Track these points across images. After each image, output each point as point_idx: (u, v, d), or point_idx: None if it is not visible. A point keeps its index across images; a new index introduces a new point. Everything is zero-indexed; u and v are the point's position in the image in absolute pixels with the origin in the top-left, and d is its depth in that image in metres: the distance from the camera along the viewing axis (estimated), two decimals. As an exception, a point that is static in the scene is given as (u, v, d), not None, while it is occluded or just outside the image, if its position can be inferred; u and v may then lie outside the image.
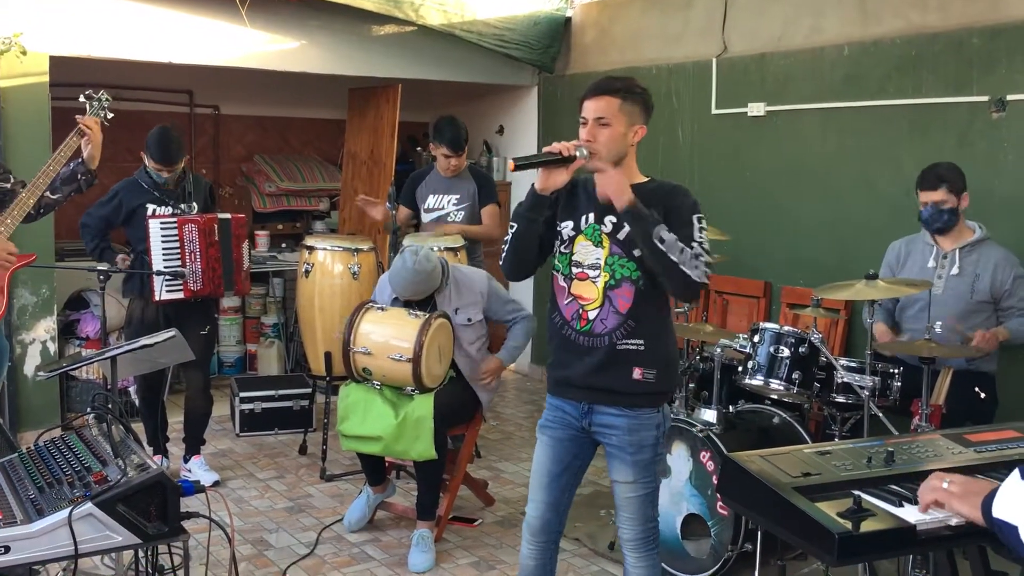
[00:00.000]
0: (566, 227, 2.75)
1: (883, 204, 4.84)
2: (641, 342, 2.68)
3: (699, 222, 2.65)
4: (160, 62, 5.55)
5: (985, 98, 4.43)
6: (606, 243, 2.69)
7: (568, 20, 6.69)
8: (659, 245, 2.54)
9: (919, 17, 4.69)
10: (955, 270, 3.95)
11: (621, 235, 2.67)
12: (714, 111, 5.69)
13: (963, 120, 4.53)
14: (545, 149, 2.64)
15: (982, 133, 4.45)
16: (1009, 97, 4.34)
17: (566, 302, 2.76)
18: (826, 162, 5.15)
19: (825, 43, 5.10)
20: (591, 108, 2.66)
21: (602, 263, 2.69)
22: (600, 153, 2.65)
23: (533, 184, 2.68)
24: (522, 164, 2.63)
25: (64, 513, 2.16)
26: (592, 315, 2.70)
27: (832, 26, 5.09)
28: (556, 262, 2.78)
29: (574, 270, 2.73)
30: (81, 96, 3.83)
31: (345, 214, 7.08)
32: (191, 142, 7.15)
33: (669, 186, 2.73)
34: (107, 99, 3.84)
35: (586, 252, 2.71)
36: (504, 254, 2.80)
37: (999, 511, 1.58)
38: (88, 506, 2.18)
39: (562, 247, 2.76)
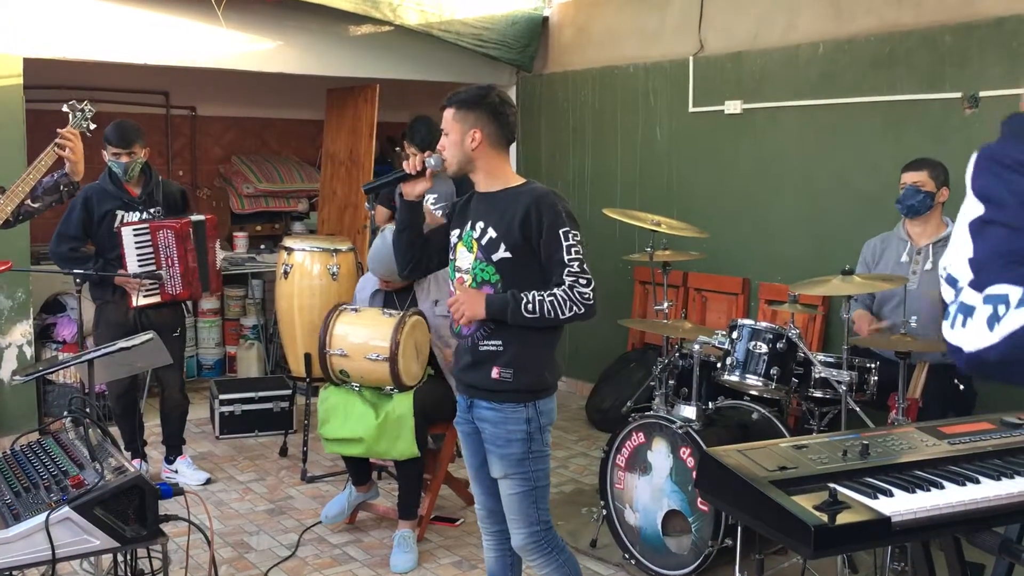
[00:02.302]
0: (454, 234, 2.90)
1: (859, 200, 4.88)
2: (500, 343, 2.77)
3: (567, 237, 2.71)
4: (136, 63, 5.52)
5: (958, 94, 4.48)
6: (475, 248, 2.80)
7: (546, 19, 6.71)
8: (531, 318, 2.69)
9: (892, 15, 4.74)
10: (928, 265, 3.99)
11: (484, 240, 2.78)
12: (691, 109, 5.72)
13: (937, 116, 4.57)
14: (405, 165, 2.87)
15: (956, 129, 4.50)
16: (982, 93, 4.39)
17: None
18: (802, 159, 5.18)
19: (800, 41, 5.14)
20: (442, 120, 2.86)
21: (471, 267, 2.81)
22: (447, 160, 2.82)
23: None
24: (369, 187, 3.04)
25: (41, 517, 2.15)
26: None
27: (807, 24, 5.13)
28: (449, 267, 2.94)
29: (456, 274, 2.87)
30: (64, 106, 3.79)
31: (324, 215, 7.06)
32: (167, 144, 7.11)
33: (538, 192, 2.79)
34: (90, 110, 3.81)
35: (463, 257, 2.84)
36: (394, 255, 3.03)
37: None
38: (65, 510, 2.17)
39: (451, 253, 2.91)
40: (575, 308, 2.68)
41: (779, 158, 5.29)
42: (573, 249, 2.70)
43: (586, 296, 2.69)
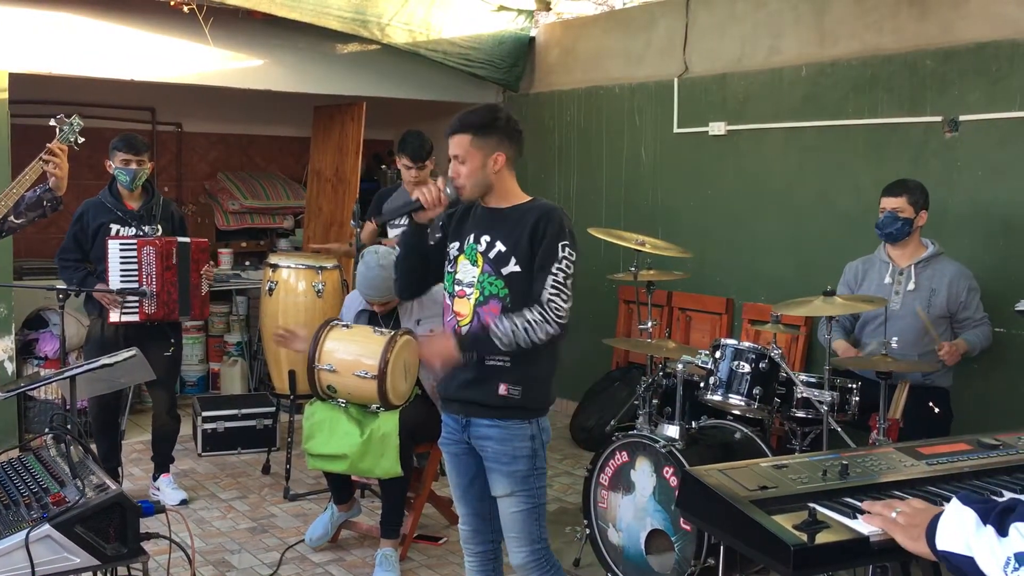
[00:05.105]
0: (453, 247, 2.87)
1: (841, 221, 4.93)
2: (507, 359, 2.75)
3: (563, 250, 2.72)
4: (122, 79, 5.52)
5: (939, 118, 4.53)
6: (480, 262, 2.79)
7: (532, 39, 6.76)
8: (505, 346, 2.67)
9: (874, 39, 4.80)
10: (911, 286, 4.03)
11: (491, 254, 2.77)
12: (676, 130, 5.76)
13: (918, 139, 4.63)
14: (414, 192, 2.80)
15: (936, 152, 4.55)
16: (961, 117, 4.45)
17: (448, 319, 2.88)
18: (786, 180, 5.23)
19: (784, 64, 5.20)
20: (450, 146, 2.78)
21: (476, 281, 2.79)
22: (464, 187, 2.76)
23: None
24: (384, 217, 2.81)
25: (21, 535, 2.14)
26: (464, 331, 2.80)
27: (790, 47, 5.18)
28: (444, 281, 2.90)
29: (456, 288, 2.84)
30: (52, 120, 3.76)
31: (309, 232, 7.06)
32: (153, 160, 7.10)
33: (547, 207, 2.81)
34: (78, 124, 3.78)
35: (465, 271, 2.82)
36: (395, 277, 2.99)
37: (944, 543, 1.58)
38: (46, 528, 2.16)
39: (448, 267, 2.88)
40: (548, 328, 2.67)
41: (763, 179, 5.34)
42: (565, 262, 2.71)
43: (561, 313, 2.68)
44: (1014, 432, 2.36)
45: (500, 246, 2.76)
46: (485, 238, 2.79)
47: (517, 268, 2.74)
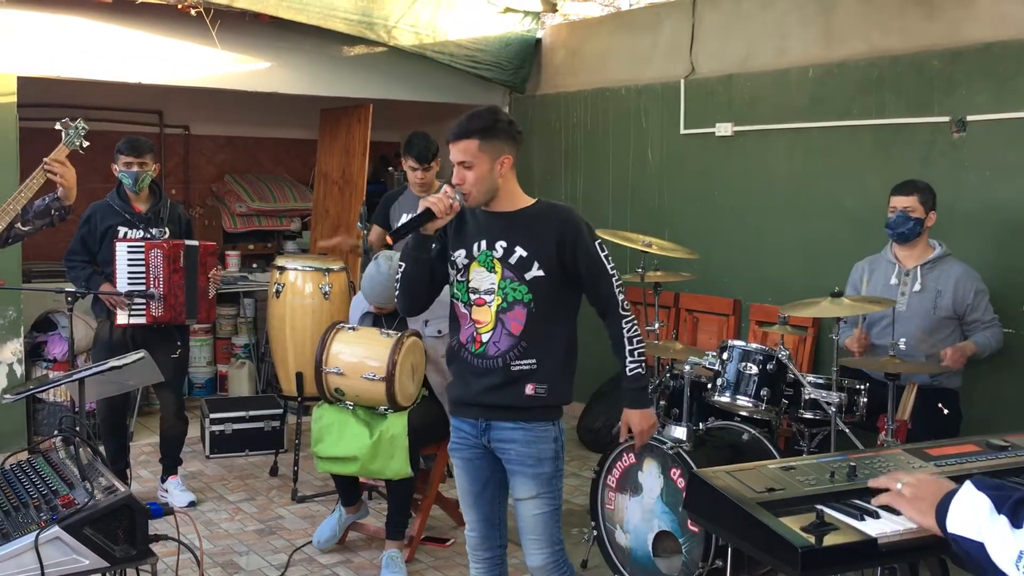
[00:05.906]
0: (459, 256, 2.81)
1: (849, 222, 4.92)
2: (534, 361, 2.76)
3: (602, 248, 2.81)
4: (130, 82, 5.54)
5: (946, 119, 4.52)
6: (498, 268, 2.76)
7: (539, 41, 6.76)
8: (646, 370, 2.88)
9: (881, 40, 4.79)
10: (917, 287, 4.02)
11: (512, 260, 2.74)
12: (683, 131, 5.76)
13: (925, 140, 4.62)
14: (422, 203, 2.70)
15: (944, 153, 4.54)
16: (969, 117, 4.44)
17: (465, 327, 2.82)
18: (793, 181, 5.22)
19: (790, 65, 5.19)
20: (454, 153, 2.73)
21: (496, 288, 2.75)
22: (471, 193, 2.73)
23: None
24: (400, 233, 2.78)
25: (30, 537, 2.14)
26: (485, 338, 2.77)
27: (797, 48, 5.18)
28: (455, 290, 2.84)
29: (472, 296, 2.79)
30: (57, 124, 3.73)
31: (316, 234, 7.07)
32: (161, 163, 7.11)
33: (560, 213, 2.80)
34: (83, 127, 3.76)
35: (481, 278, 2.77)
36: (398, 294, 2.91)
37: (955, 526, 1.57)
38: (55, 529, 2.16)
39: (458, 275, 2.82)
40: (635, 324, 2.83)
41: (769, 180, 5.33)
42: (610, 259, 2.81)
43: (627, 305, 2.83)
44: (1023, 433, 2.36)
45: (520, 251, 2.73)
46: (501, 243, 2.74)
47: (541, 273, 2.73)
